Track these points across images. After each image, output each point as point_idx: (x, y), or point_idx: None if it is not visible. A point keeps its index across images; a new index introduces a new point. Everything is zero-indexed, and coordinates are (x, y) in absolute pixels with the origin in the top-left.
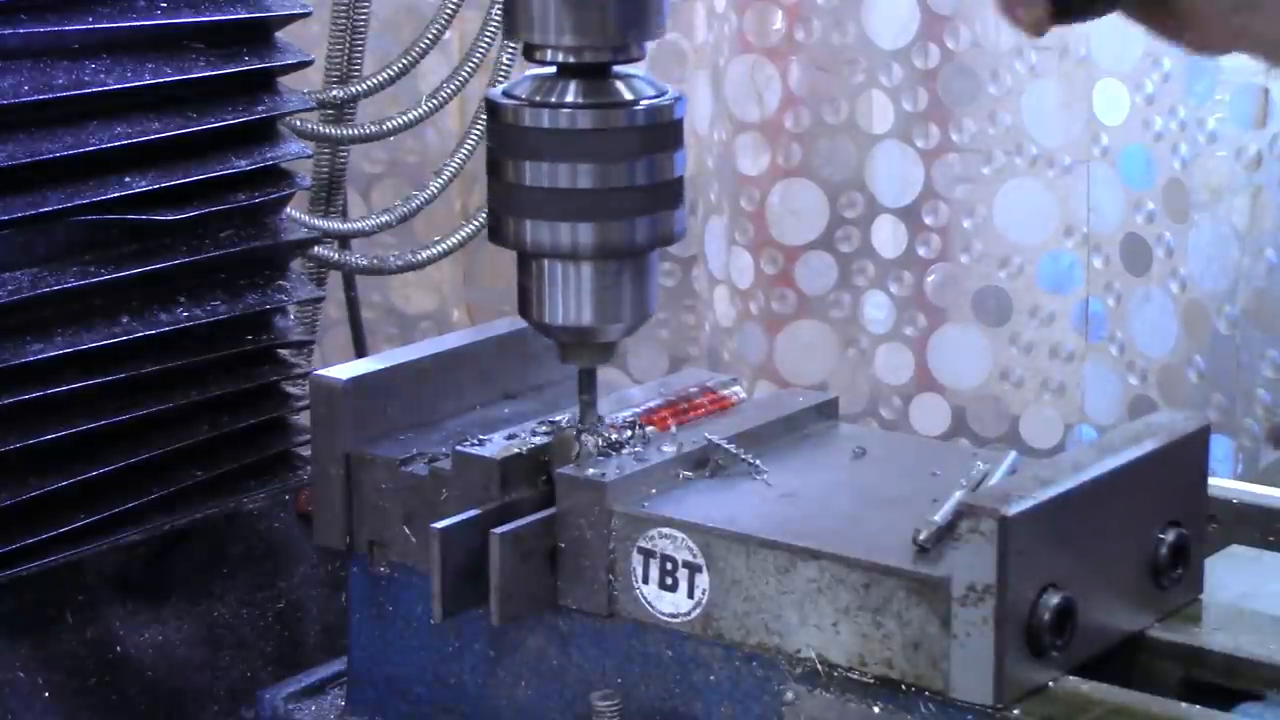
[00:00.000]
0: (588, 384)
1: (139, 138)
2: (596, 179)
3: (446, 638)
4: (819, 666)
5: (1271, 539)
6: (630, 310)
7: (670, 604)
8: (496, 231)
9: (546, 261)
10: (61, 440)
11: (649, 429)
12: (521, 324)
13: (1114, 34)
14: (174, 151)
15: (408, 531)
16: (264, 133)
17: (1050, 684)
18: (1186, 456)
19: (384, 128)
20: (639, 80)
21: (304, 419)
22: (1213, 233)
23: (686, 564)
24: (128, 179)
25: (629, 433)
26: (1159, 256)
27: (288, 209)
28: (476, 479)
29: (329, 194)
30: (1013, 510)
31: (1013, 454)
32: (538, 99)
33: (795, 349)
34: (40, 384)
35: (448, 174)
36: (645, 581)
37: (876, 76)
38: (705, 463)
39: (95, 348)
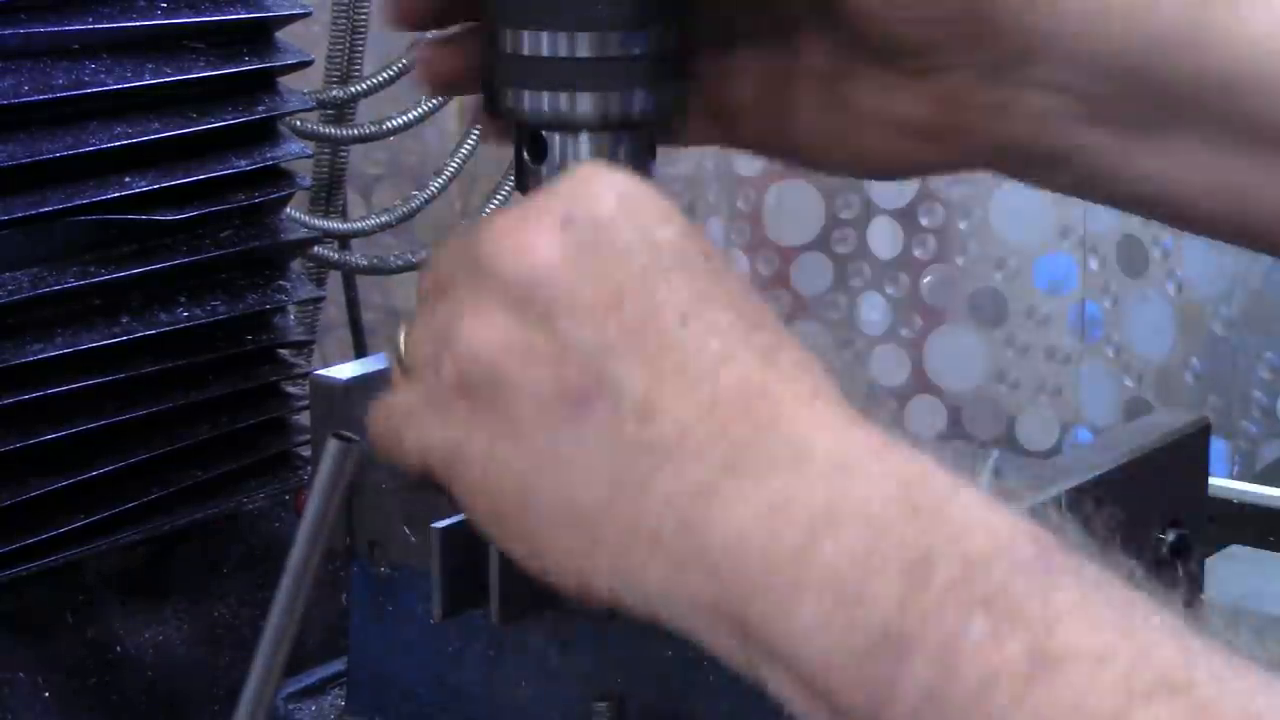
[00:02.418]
0: None
1: (139, 138)
2: (595, 47)
3: (446, 638)
4: None
5: (1271, 539)
6: None
7: None
8: (492, 103)
9: (544, 133)
10: (61, 440)
11: None
12: None
13: None
14: (174, 151)
15: (408, 531)
16: (264, 133)
17: None
18: (1186, 456)
19: (384, 128)
20: None
21: (304, 419)
22: None
23: None
24: (128, 179)
25: None
26: (1155, 258)
27: (288, 209)
28: None
29: (329, 194)
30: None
31: (995, 453)
32: None
33: None
34: (40, 384)
35: (448, 174)
36: None
37: None
38: None
39: (95, 348)
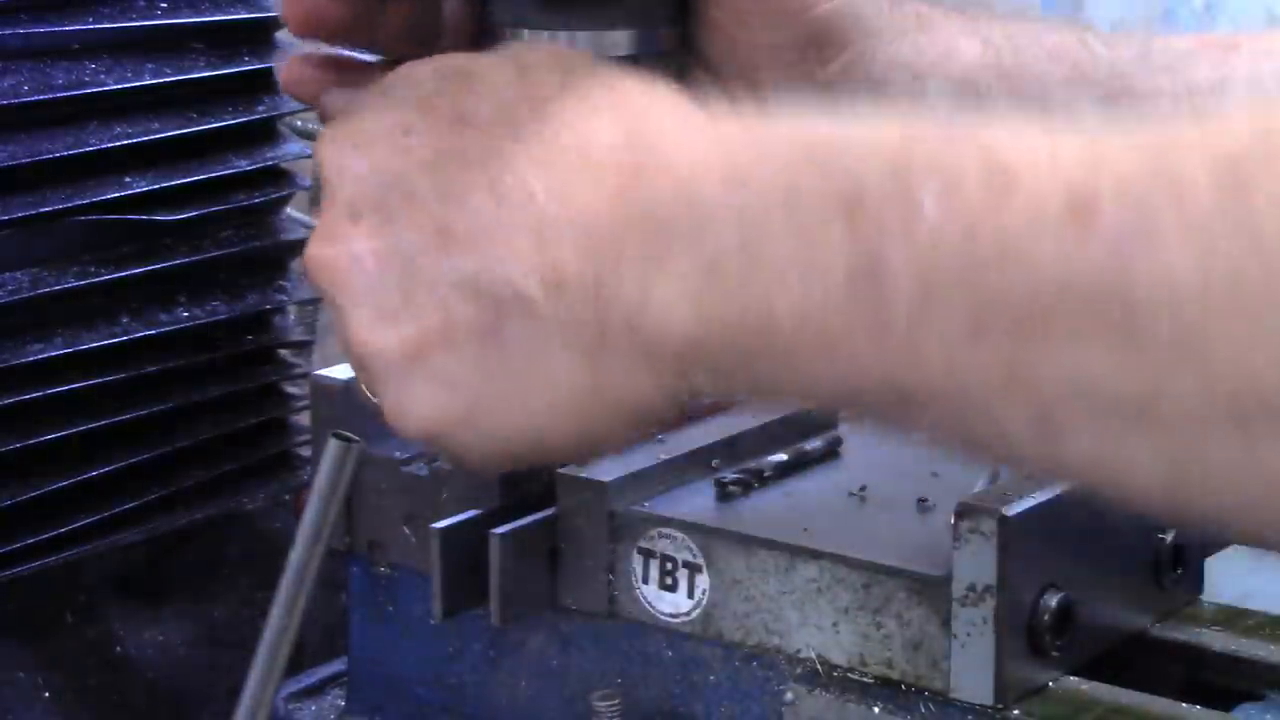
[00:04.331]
0: None
1: (139, 138)
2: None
3: (446, 638)
4: (819, 666)
5: None
6: None
7: (670, 604)
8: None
9: None
10: (61, 440)
11: None
12: None
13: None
14: (174, 151)
15: (408, 531)
16: (264, 133)
17: (1050, 684)
18: None
19: None
20: None
21: (304, 419)
22: None
23: (686, 564)
24: (128, 179)
25: None
26: None
27: (288, 209)
28: (476, 479)
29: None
30: (1013, 510)
31: None
32: None
33: None
34: (40, 384)
35: None
36: (645, 581)
37: None
38: (705, 463)
39: (95, 348)
